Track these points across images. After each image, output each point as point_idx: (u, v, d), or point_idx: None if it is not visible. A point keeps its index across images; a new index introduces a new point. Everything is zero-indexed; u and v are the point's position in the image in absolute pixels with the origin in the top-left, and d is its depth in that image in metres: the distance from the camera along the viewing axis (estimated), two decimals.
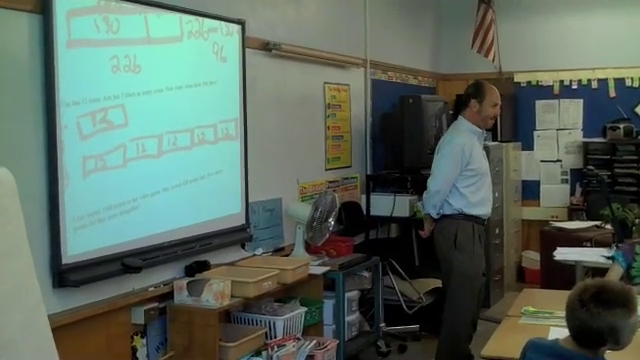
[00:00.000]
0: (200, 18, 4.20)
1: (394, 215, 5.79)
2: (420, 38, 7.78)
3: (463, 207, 4.74)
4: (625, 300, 2.33)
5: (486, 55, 7.63)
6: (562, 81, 7.87)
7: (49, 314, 2.96)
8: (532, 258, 7.45)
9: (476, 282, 4.76)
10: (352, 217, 5.75)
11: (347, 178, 6.04)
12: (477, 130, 4.87)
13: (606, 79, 7.71)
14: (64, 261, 3.30)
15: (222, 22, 4.39)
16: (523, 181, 7.95)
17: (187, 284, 3.88)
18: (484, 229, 4.95)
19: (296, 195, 5.25)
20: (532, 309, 3.63)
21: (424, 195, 4.90)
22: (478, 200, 4.78)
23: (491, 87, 4.91)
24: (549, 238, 6.16)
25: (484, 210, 4.85)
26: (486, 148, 6.52)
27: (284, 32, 5.07)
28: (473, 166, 4.75)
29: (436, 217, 4.82)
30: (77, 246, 3.37)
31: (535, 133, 7.97)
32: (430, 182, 4.82)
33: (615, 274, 4.01)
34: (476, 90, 4.87)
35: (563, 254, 5.14)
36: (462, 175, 4.74)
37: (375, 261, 5.30)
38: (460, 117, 4.91)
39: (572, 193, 7.81)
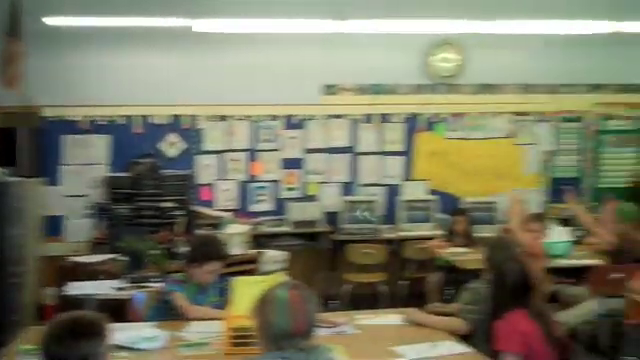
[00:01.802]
0: None
1: None
2: None
3: None
4: (98, 329, 2.55)
5: (11, 87, 7.44)
6: (91, 116, 8.02)
7: None
8: (53, 294, 7.34)
9: None
10: None
11: None
12: None
13: (132, 116, 8.09)
14: None
15: None
16: (48, 217, 7.78)
17: None
18: None
19: None
20: (29, 347, 3.50)
21: None
22: None
23: None
24: (68, 273, 6.18)
25: None
26: (5, 184, 6.38)
27: None
28: None
29: None
30: None
31: (62, 168, 7.96)
32: None
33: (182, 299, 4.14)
34: None
35: (76, 288, 5.22)
36: None
37: None
38: None
39: (97, 227, 7.89)
